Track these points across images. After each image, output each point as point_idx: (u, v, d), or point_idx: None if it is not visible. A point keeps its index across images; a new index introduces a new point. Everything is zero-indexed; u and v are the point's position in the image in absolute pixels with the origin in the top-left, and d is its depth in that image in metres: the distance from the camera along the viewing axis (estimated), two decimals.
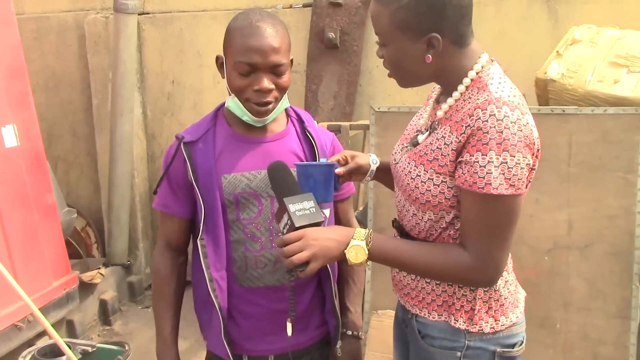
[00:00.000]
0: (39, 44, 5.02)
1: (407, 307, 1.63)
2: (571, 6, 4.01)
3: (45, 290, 3.48)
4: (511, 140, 1.35)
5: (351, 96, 4.34)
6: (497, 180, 1.36)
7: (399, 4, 1.43)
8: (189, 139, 1.73)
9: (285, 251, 1.45)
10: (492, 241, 1.42)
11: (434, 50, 1.45)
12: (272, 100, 1.68)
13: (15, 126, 3.33)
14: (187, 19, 4.69)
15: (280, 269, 1.75)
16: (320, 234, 1.46)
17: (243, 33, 1.63)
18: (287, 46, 1.69)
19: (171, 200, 1.79)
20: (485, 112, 1.37)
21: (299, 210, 1.49)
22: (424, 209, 1.51)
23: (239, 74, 1.66)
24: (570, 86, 3.11)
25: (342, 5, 4.23)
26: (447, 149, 1.44)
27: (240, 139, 1.75)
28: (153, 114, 4.93)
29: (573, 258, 2.91)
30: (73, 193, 5.15)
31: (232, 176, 1.72)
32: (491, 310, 1.54)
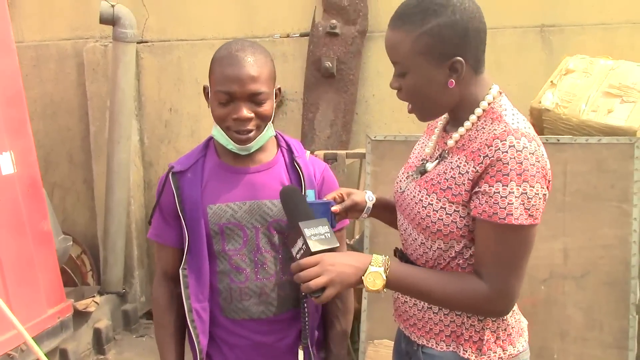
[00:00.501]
0: (37, 71, 5.05)
1: (413, 337, 1.61)
2: (565, 37, 4.06)
3: (39, 319, 3.44)
4: (530, 171, 1.37)
5: (347, 125, 4.37)
6: (518, 210, 1.37)
7: (422, 29, 1.42)
8: (178, 168, 1.76)
9: (302, 276, 1.43)
10: (509, 271, 1.42)
11: (457, 75, 1.45)
12: (252, 128, 1.68)
13: (13, 153, 3.33)
14: (186, 47, 4.73)
15: (265, 301, 1.74)
16: (338, 260, 1.45)
17: (222, 63, 1.67)
18: (268, 75, 1.69)
19: (164, 230, 1.79)
20: (505, 143, 1.38)
21: (315, 235, 1.47)
22: (433, 237, 1.51)
23: (219, 103, 1.68)
24: (564, 115, 3.13)
25: (339, 35, 4.28)
26: (463, 178, 1.44)
27: (227, 170, 1.76)
28: (150, 142, 4.94)
29: (569, 287, 2.90)
30: (69, 220, 5.14)
31: (217, 207, 1.72)
32: (499, 340, 1.53)
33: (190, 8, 4.71)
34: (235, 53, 1.66)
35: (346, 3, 4.29)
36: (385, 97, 4.32)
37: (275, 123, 4.81)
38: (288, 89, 4.54)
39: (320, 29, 4.33)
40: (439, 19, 1.41)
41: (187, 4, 4.72)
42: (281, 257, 1.77)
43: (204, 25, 4.69)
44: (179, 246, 1.78)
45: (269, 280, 1.75)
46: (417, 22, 1.43)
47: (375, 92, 4.39)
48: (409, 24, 1.44)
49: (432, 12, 1.42)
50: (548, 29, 4.11)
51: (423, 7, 1.43)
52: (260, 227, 1.73)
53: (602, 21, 4.03)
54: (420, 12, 1.43)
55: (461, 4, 1.43)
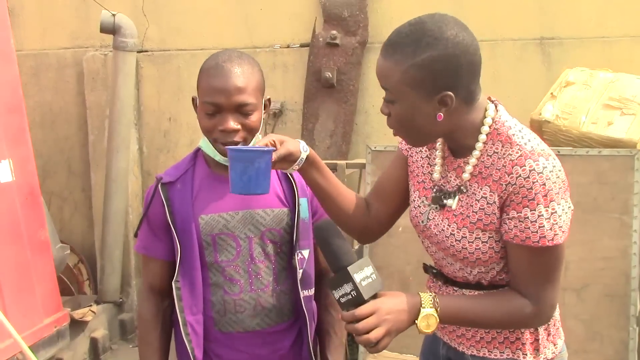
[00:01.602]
0: (37, 80, 5.05)
1: (461, 348, 1.60)
2: (564, 49, 4.07)
3: (36, 328, 3.42)
4: (554, 189, 1.38)
5: (347, 135, 4.37)
6: (551, 232, 1.38)
7: (413, 61, 1.37)
8: (167, 179, 1.72)
9: (360, 329, 1.37)
10: (548, 286, 1.45)
11: (446, 108, 1.41)
12: (239, 140, 1.65)
13: (11, 161, 3.32)
14: (186, 57, 4.74)
15: (260, 313, 1.71)
16: (393, 306, 1.39)
17: (209, 74, 1.64)
18: (256, 86, 1.66)
19: (152, 242, 1.75)
20: (525, 169, 1.38)
21: (364, 280, 1.40)
22: (473, 265, 1.51)
23: (205, 114, 1.65)
24: (564, 127, 3.13)
25: (339, 46, 4.29)
26: (492, 208, 1.44)
27: (217, 179, 1.72)
28: (149, 151, 4.94)
29: (569, 299, 2.89)
30: (66, 229, 5.11)
31: (210, 217, 1.69)
32: (550, 336, 1.56)
33: (191, 18, 4.72)
34: (222, 64, 1.64)
35: (346, 14, 4.30)
36: None
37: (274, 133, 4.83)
38: (288, 99, 4.54)
39: (320, 40, 4.34)
40: (431, 52, 1.36)
41: (188, 14, 4.73)
42: (275, 267, 1.75)
43: (204, 35, 4.70)
44: (168, 258, 1.74)
45: (264, 291, 1.73)
46: (409, 53, 1.38)
47: (375, 102, 4.40)
48: (399, 54, 1.39)
49: (425, 45, 1.36)
50: (547, 41, 4.13)
51: (415, 38, 1.38)
52: (253, 237, 1.71)
53: (601, 34, 4.05)
54: (412, 43, 1.38)
55: (455, 37, 1.37)
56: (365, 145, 3.32)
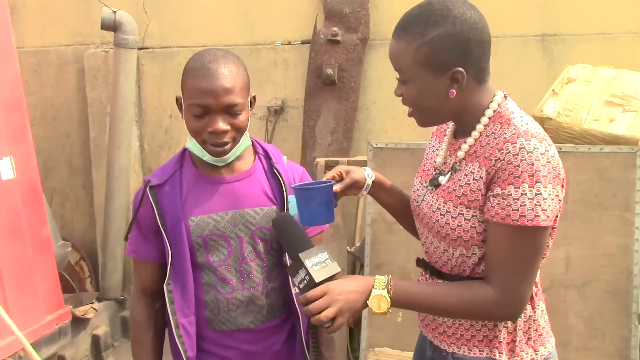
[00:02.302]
0: (38, 77, 5.05)
1: (443, 345, 1.60)
2: (566, 46, 4.07)
3: (38, 325, 3.42)
4: (542, 171, 1.37)
5: (348, 132, 4.37)
6: (532, 212, 1.37)
7: (422, 40, 1.43)
8: (155, 182, 1.73)
9: (311, 309, 1.42)
10: (519, 275, 1.42)
11: (458, 85, 1.45)
12: (228, 140, 1.66)
13: (13, 158, 3.32)
14: (187, 54, 4.72)
15: (252, 310, 1.73)
16: (344, 288, 1.44)
17: (195, 75, 1.63)
18: (242, 85, 1.66)
19: (143, 245, 1.76)
20: (515, 146, 1.38)
21: (316, 265, 1.46)
22: (455, 245, 1.51)
23: (193, 115, 1.65)
24: (566, 124, 3.13)
25: (340, 43, 4.28)
26: (478, 183, 1.45)
27: (206, 180, 1.74)
28: (150, 148, 4.94)
29: (571, 296, 2.89)
30: (68, 226, 5.12)
31: (199, 218, 1.70)
32: (530, 341, 1.53)
33: (192, 15, 4.72)
34: (208, 65, 1.62)
35: (348, 11, 4.30)
36: (386, 104, 4.32)
37: (275, 130, 4.84)
38: (289, 96, 4.54)
39: (321, 37, 4.34)
40: (439, 30, 1.42)
41: (188, 10, 4.72)
42: (266, 265, 1.76)
43: (205, 32, 4.69)
44: (158, 261, 1.75)
45: (256, 289, 1.74)
46: (418, 32, 1.43)
47: (377, 99, 4.39)
48: (410, 34, 1.45)
49: (433, 23, 1.42)
50: (549, 38, 4.12)
51: (424, 18, 1.44)
52: (244, 236, 1.72)
53: (602, 31, 4.04)
54: (421, 23, 1.44)
55: (462, 15, 1.42)
56: (367, 142, 3.31)
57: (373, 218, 3.17)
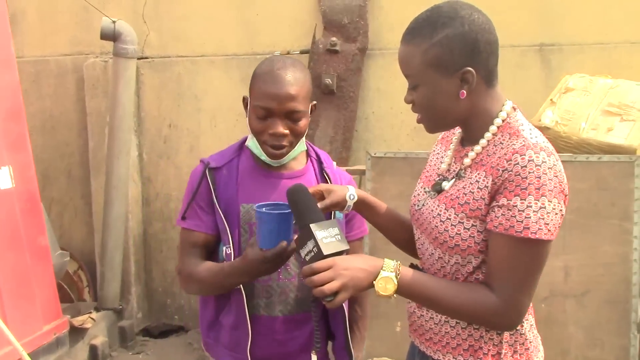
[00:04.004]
0: (37, 86, 5.05)
1: (429, 352, 1.60)
2: (564, 56, 4.08)
3: (35, 335, 3.42)
4: (548, 185, 1.37)
5: (347, 141, 4.37)
6: (536, 225, 1.37)
7: (432, 41, 1.45)
8: (214, 165, 1.83)
9: (315, 280, 1.42)
10: (520, 286, 1.43)
11: (468, 85, 1.46)
12: (286, 144, 1.76)
13: (11, 168, 3.33)
14: (186, 63, 4.74)
15: (284, 300, 1.81)
16: (351, 264, 1.43)
17: (264, 79, 1.74)
18: (306, 94, 1.77)
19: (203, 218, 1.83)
20: (524, 157, 1.38)
21: (326, 238, 1.46)
22: (451, 252, 1.51)
23: (257, 117, 1.75)
24: (564, 134, 3.14)
25: (339, 52, 4.29)
26: (482, 192, 1.44)
27: (261, 172, 1.84)
28: (149, 157, 4.93)
29: (570, 306, 2.89)
30: (66, 235, 5.11)
31: (250, 206, 1.79)
32: (517, 354, 1.53)
33: (191, 24, 4.73)
34: (277, 71, 1.73)
35: (347, 21, 4.31)
36: (385, 114, 4.33)
37: None
38: None
39: (320, 46, 4.35)
40: (447, 31, 1.44)
41: (188, 20, 4.74)
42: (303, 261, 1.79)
43: (204, 41, 4.70)
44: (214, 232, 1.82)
45: (290, 282, 1.82)
46: (427, 34, 1.45)
47: (375, 109, 4.40)
48: (419, 37, 1.47)
49: (441, 25, 1.44)
50: (547, 48, 4.13)
51: (432, 20, 1.46)
52: None
53: (600, 41, 4.05)
54: (429, 25, 1.46)
55: (470, 16, 1.45)
56: (365, 151, 3.32)
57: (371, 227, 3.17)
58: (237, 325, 1.81)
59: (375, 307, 3.14)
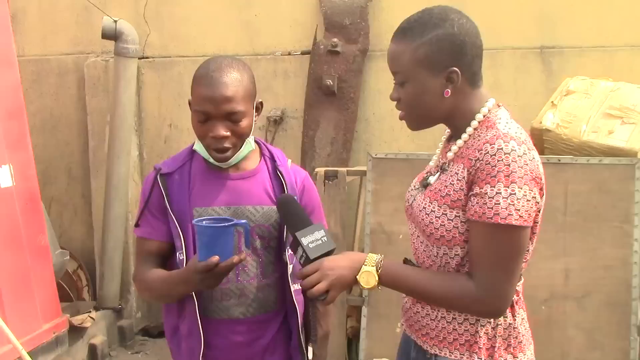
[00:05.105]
0: (38, 85, 5.05)
1: (425, 347, 1.63)
2: (564, 59, 4.09)
3: (35, 334, 3.41)
4: (518, 172, 1.42)
5: (348, 143, 4.37)
6: (506, 211, 1.42)
7: (422, 40, 1.51)
8: (165, 170, 1.81)
9: (305, 283, 1.54)
10: (497, 272, 1.47)
11: (453, 85, 1.52)
12: (229, 146, 1.74)
13: (12, 166, 3.32)
14: (187, 64, 4.74)
15: (244, 302, 1.79)
16: (335, 264, 1.54)
17: (200, 82, 1.73)
18: (244, 93, 1.73)
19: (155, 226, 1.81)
20: (494, 147, 1.44)
21: (312, 242, 1.56)
22: (438, 244, 1.56)
23: (197, 121, 1.74)
24: (565, 136, 3.14)
25: (340, 53, 4.30)
26: (460, 183, 1.50)
27: (212, 175, 1.81)
28: (149, 157, 4.93)
29: (570, 308, 2.89)
30: (66, 235, 5.10)
31: (203, 210, 1.78)
32: (510, 348, 1.56)
33: (192, 25, 4.73)
34: (211, 73, 1.71)
35: (348, 22, 4.32)
36: (385, 115, 4.33)
37: (275, 140, 4.83)
38: (288, 106, 4.55)
39: (321, 47, 4.35)
40: (437, 31, 1.51)
41: (189, 20, 4.74)
42: (262, 261, 1.82)
43: (205, 41, 4.70)
44: (168, 241, 1.80)
45: (249, 283, 1.80)
46: (417, 34, 1.52)
47: (376, 110, 4.40)
48: (410, 36, 1.53)
49: (432, 25, 1.52)
50: (548, 50, 4.14)
51: (423, 21, 1.53)
52: (243, 232, 1.75)
53: (601, 44, 4.06)
54: (420, 25, 1.53)
55: (459, 20, 1.53)
56: (366, 152, 3.33)
57: (372, 228, 3.18)
58: (191, 332, 1.78)
59: (375, 308, 3.15)
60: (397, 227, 3.09)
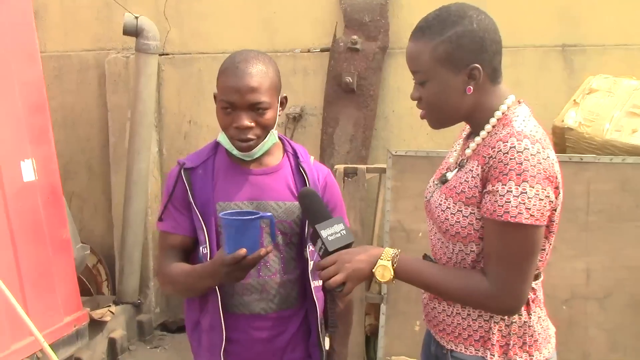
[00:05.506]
0: (59, 81, 5.09)
1: (442, 342, 1.65)
2: (587, 57, 4.05)
3: (56, 327, 3.44)
4: (530, 171, 1.42)
5: (367, 140, 4.37)
6: (516, 209, 1.42)
7: (441, 37, 1.51)
8: (189, 165, 1.83)
9: (323, 275, 1.56)
10: (510, 271, 1.47)
11: (475, 82, 1.52)
12: (252, 137, 1.75)
13: (34, 161, 3.36)
14: (207, 60, 4.76)
15: (265, 298, 1.80)
16: (352, 256, 1.55)
17: (226, 73, 1.75)
18: (269, 85, 1.75)
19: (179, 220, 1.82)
20: (507, 145, 1.44)
21: (331, 235, 1.58)
22: (454, 240, 1.56)
23: (222, 111, 1.76)
24: (587, 135, 3.11)
25: (359, 51, 4.29)
26: (475, 180, 1.50)
27: (236, 170, 1.83)
28: (169, 153, 4.96)
29: (592, 308, 2.87)
30: (86, 230, 5.15)
31: (226, 204, 1.79)
32: (525, 346, 1.56)
33: (212, 21, 4.75)
34: (237, 64, 1.74)
35: (367, 19, 4.31)
36: (404, 113, 4.32)
37: (294, 137, 4.84)
38: (308, 103, 4.55)
39: (341, 45, 4.35)
40: (456, 28, 1.50)
41: (209, 17, 4.76)
42: (284, 257, 1.82)
43: (225, 38, 4.72)
44: (191, 235, 1.81)
45: (271, 278, 1.81)
46: (436, 32, 1.51)
47: (395, 108, 4.39)
48: (428, 34, 1.52)
49: (451, 23, 1.51)
50: (570, 48, 4.10)
51: (441, 19, 1.53)
52: (265, 227, 1.77)
53: (623, 42, 4.01)
54: (439, 23, 1.52)
55: (477, 16, 1.52)
56: (385, 150, 3.32)
57: (392, 226, 3.17)
58: (213, 326, 1.79)
59: (393, 306, 3.15)
60: (416, 225, 3.08)
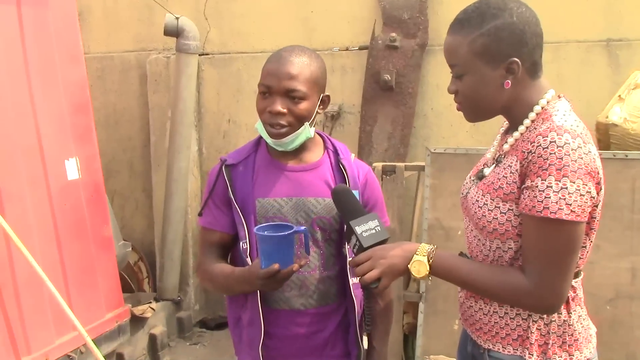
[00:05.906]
0: (102, 82, 5.20)
1: (479, 342, 1.62)
2: (633, 51, 3.94)
3: (98, 322, 3.51)
4: (571, 166, 1.39)
5: (405, 138, 4.34)
6: (556, 205, 1.39)
7: (479, 31, 1.49)
8: (230, 162, 1.85)
9: (358, 271, 1.56)
10: (550, 268, 1.43)
11: (513, 76, 1.49)
12: (285, 124, 1.75)
13: (78, 159, 3.43)
14: (246, 59, 4.80)
15: (305, 294, 1.80)
16: (387, 252, 1.55)
17: (270, 60, 1.79)
18: (309, 76, 1.76)
19: (219, 217, 1.85)
20: (546, 139, 1.41)
21: (366, 231, 1.58)
22: (491, 237, 1.54)
23: (260, 95, 1.79)
24: (633, 131, 3.04)
25: (398, 48, 4.27)
26: (514, 176, 1.48)
27: (276, 166, 1.84)
28: (208, 152, 5.02)
29: (637, 308, 2.79)
30: (127, 227, 5.24)
31: (266, 200, 1.80)
32: (565, 345, 1.53)
33: (251, 21, 4.78)
34: (282, 53, 1.78)
35: (406, 16, 4.28)
36: (443, 111, 4.28)
37: (332, 135, 4.85)
38: (346, 101, 4.54)
39: (379, 42, 4.33)
40: (496, 21, 1.47)
41: (248, 17, 4.79)
42: (323, 253, 1.83)
43: (263, 38, 4.75)
44: (231, 232, 1.83)
45: (310, 275, 1.81)
46: (475, 24, 1.49)
47: (434, 105, 4.35)
48: (467, 27, 1.50)
49: (490, 15, 1.48)
50: (614, 43, 4.00)
51: (481, 12, 1.50)
52: (304, 223, 1.79)
53: None
54: (478, 16, 1.50)
55: (518, 8, 1.49)
56: (424, 148, 3.29)
57: (430, 224, 3.14)
58: (252, 321, 1.80)
59: (432, 305, 3.12)
60: (455, 223, 3.05)
